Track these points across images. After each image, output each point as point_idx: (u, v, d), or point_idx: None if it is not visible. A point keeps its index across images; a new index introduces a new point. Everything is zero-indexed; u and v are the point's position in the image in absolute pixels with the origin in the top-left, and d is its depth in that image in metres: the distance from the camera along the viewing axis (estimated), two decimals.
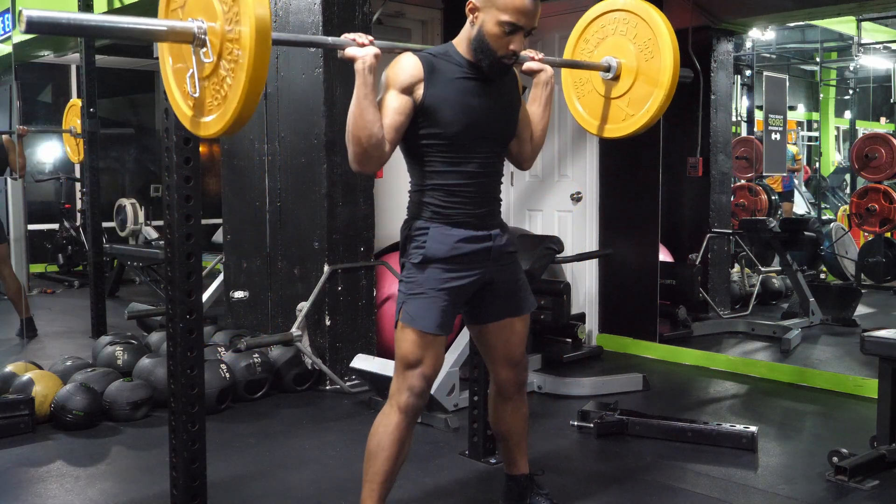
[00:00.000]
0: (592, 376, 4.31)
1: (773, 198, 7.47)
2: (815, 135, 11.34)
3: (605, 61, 2.68)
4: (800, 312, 5.61)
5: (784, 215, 8.27)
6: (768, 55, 8.89)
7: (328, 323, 4.14)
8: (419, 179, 2.27)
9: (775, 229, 5.71)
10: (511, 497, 2.60)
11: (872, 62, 8.48)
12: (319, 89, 4.11)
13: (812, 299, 5.54)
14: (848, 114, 10.24)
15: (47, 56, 8.06)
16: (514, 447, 2.56)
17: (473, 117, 2.21)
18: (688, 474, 3.03)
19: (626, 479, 2.99)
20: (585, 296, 5.13)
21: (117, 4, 5.70)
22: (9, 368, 3.83)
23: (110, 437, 3.45)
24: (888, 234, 6.72)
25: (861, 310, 5.83)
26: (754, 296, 5.89)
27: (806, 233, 6.69)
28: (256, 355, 3.97)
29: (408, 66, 2.16)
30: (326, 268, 4.12)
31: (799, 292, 5.61)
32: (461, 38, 2.24)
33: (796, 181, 9.33)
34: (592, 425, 3.41)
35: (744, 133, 8.41)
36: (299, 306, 4.14)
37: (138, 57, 7.98)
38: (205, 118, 1.98)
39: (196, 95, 1.98)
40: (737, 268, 6.24)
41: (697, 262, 5.52)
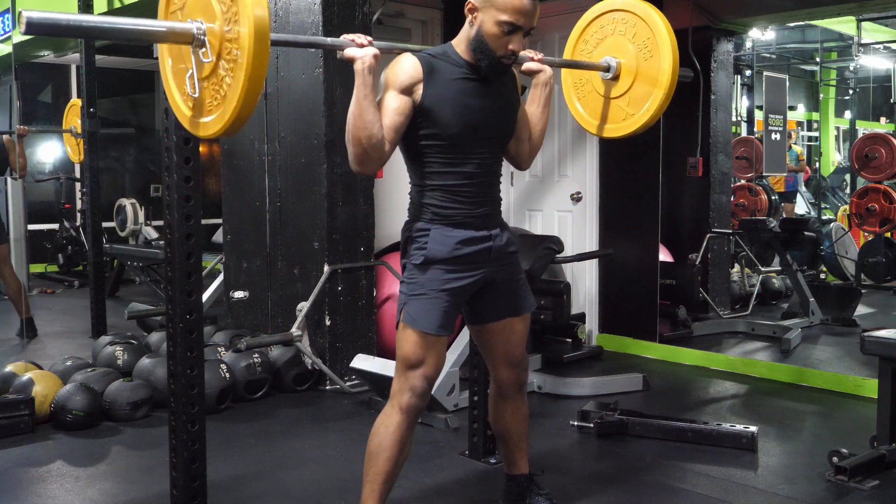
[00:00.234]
0: (592, 376, 4.32)
1: (773, 198, 7.46)
2: (815, 135, 11.34)
3: (604, 61, 2.68)
4: (800, 312, 5.61)
5: (786, 215, 8.27)
6: (768, 55, 8.88)
7: (328, 323, 4.14)
8: (419, 180, 2.27)
9: (775, 229, 5.71)
10: (511, 497, 2.60)
11: (872, 62, 8.47)
12: (319, 89, 4.11)
13: (812, 299, 5.54)
14: (848, 114, 10.24)
15: (47, 56, 8.06)
16: (514, 447, 2.56)
17: (472, 118, 2.21)
18: (688, 474, 3.03)
19: (626, 479, 2.99)
20: (585, 296, 5.13)
21: (117, 5, 5.70)
22: (9, 368, 3.83)
23: (110, 437, 3.46)
24: (888, 234, 6.72)
25: (861, 310, 5.83)
26: (754, 296, 5.89)
27: (806, 233, 6.68)
28: (256, 355, 3.98)
29: (407, 66, 2.16)
30: (326, 268, 4.12)
31: (799, 292, 5.61)
32: (460, 38, 2.24)
33: (800, 184, 9.31)
34: (592, 425, 3.41)
35: (744, 133, 8.41)
36: (299, 306, 4.14)
37: (138, 57, 7.98)
38: (204, 118, 1.99)
39: (196, 96, 1.98)
40: (737, 268, 6.24)
41: (697, 262, 5.52)
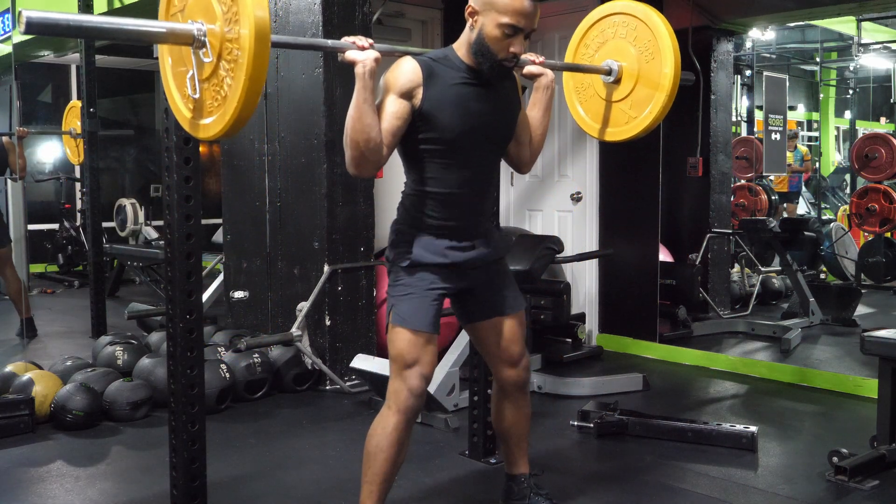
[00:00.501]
0: (592, 376, 4.32)
1: (773, 198, 7.46)
2: (815, 135, 11.34)
3: (606, 65, 2.68)
4: (800, 312, 5.61)
5: (788, 215, 8.27)
6: (768, 55, 8.88)
7: (328, 323, 4.14)
8: (414, 184, 2.28)
9: (775, 229, 5.71)
10: (511, 497, 2.59)
11: (872, 62, 8.47)
12: (319, 89, 4.11)
13: (812, 299, 5.54)
14: (848, 114, 10.24)
15: (47, 56, 8.06)
16: (515, 447, 2.56)
17: (472, 122, 2.21)
18: (688, 474, 3.03)
19: (626, 479, 2.99)
20: (585, 296, 5.13)
21: (117, 5, 5.70)
22: (9, 368, 3.83)
23: (110, 437, 3.46)
24: (888, 234, 6.72)
25: (861, 310, 5.83)
26: (754, 296, 5.89)
27: (806, 233, 6.69)
28: (256, 355, 3.98)
29: (407, 70, 2.15)
30: (326, 268, 4.12)
31: (799, 292, 5.61)
32: (461, 42, 2.24)
33: (804, 185, 9.31)
34: (592, 425, 3.41)
35: (744, 133, 8.41)
36: (299, 306, 4.14)
37: (138, 57, 7.98)
38: (204, 120, 1.99)
39: (196, 97, 1.98)
40: (737, 268, 6.24)
41: (697, 262, 5.52)
